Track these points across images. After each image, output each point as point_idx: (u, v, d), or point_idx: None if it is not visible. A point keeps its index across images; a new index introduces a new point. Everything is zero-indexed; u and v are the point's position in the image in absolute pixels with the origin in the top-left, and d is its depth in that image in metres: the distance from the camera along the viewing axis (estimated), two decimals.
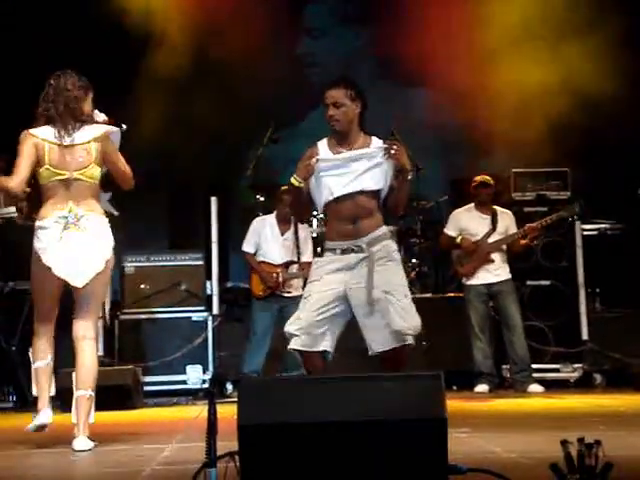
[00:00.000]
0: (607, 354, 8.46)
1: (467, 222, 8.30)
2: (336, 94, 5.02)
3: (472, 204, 8.34)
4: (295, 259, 8.23)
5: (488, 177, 8.33)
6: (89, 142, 5.13)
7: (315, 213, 8.70)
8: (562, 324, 8.56)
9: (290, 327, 4.94)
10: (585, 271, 8.64)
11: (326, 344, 4.94)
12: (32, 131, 5.13)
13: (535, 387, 8.02)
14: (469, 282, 8.23)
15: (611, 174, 9.74)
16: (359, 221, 4.97)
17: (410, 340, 4.87)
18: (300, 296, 7.96)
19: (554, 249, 8.59)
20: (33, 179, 5.16)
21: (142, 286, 8.88)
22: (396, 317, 4.85)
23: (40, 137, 5.10)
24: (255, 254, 8.27)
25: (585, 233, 8.85)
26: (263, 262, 8.23)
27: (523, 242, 8.20)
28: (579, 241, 8.68)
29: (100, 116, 5.31)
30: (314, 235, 8.70)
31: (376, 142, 5.07)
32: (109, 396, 7.29)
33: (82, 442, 4.88)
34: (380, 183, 5.02)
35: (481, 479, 3.19)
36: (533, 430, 5.22)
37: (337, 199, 4.99)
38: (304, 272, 8.01)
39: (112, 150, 5.22)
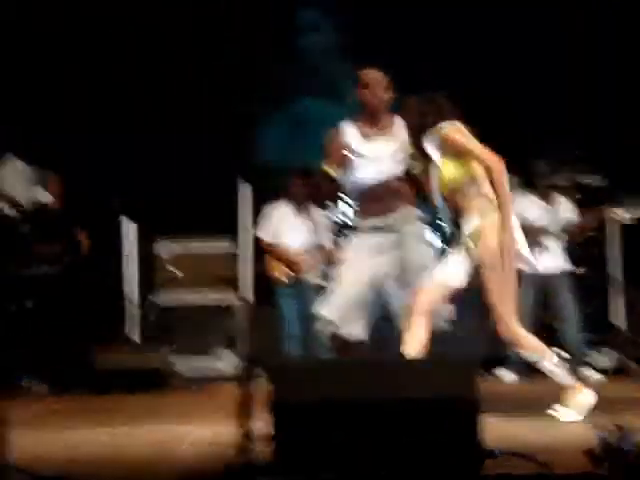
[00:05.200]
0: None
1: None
2: (373, 76, 5.02)
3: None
4: (312, 242, 8.12)
5: None
6: None
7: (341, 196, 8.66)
8: (593, 311, 8.47)
9: (325, 312, 4.92)
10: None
11: (360, 330, 4.95)
12: None
13: (588, 372, 7.85)
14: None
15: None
16: (390, 200, 4.98)
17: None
18: (319, 282, 8.02)
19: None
20: None
21: (174, 270, 8.90)
22: None
23: None
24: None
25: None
26: (279, 248, 8.14)
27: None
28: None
29: None
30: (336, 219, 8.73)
31: (399, 121, 5.08)
32: (143, 379, 7.39)
33: None
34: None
35: (514, 463, 3.19)
36: None
37: (367, 184, 5.01)
38: (325, 255, 7.99)
39: None
